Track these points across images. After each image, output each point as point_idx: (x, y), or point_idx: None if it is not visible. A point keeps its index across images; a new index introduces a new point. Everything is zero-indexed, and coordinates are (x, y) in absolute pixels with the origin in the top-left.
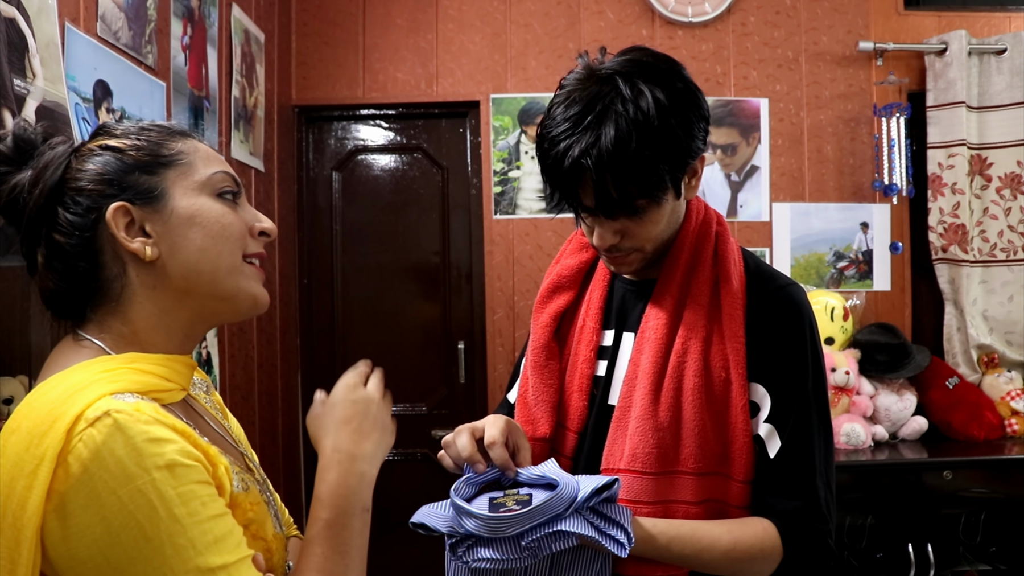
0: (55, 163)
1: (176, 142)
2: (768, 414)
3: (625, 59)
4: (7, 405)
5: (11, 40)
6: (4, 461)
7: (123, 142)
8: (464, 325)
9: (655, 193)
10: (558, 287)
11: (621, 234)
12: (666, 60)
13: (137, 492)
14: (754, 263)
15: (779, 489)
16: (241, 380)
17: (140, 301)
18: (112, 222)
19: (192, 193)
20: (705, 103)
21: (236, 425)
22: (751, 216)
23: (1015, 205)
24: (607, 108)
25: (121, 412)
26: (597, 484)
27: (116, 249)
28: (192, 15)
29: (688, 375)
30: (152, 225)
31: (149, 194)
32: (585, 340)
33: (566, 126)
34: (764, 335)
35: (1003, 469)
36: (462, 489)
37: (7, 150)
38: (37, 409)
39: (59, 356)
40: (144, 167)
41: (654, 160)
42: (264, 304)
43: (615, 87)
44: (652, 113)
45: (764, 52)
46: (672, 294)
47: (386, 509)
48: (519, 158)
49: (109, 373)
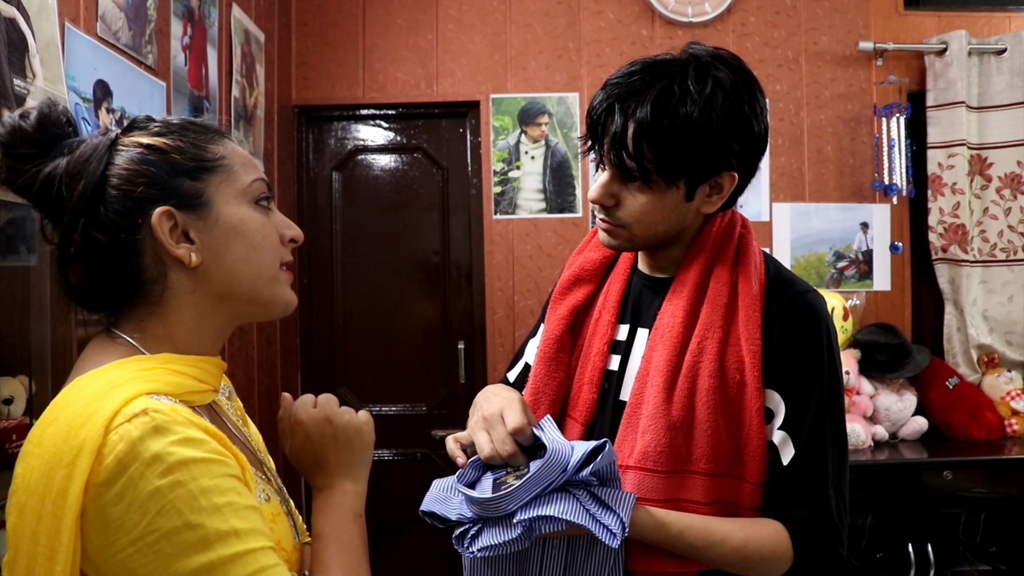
0: (97, 156)
1: (216, 145)
2: (782, 421)
3: (713, 50)
4: (7, 405)
5: (11, 40)
6: (43, 451)
7: (165, 142)
8: (464, 325)
9: (666, 173)
10: (579, 279)
11: (616, 199)
12: (748, 73)
13: (176, 483)
14: (774, 268)
15: (791, 497)
16: (241, 380)
17: (179, 305)
18: (158, 227)
19: (234, 201)
20: (761, 132)
21: (255, 432)
22: (751, 216)
23: (1015, 205)
24: (666, 76)
25: (159, 412)
26: (587, 449)
27: (158, 252)
28: (192, 15)
29: (703, 375)
30: (196, 231)
31: (195, 200)
32: (600, 333)
33: (622, 75)
34: (781, 341)
35: (1003, 469)
36: (468, 474)
37: (31, 129)
38: (75, 402)
39: (94, 353)
40: (189, 171)
41: (681, 142)
42: (293, 307)
43: (686, 68)
44: (699, 105)
45: (764, 52)
46: (689, 293)
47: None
48: (519, 158)
49: (145, 372)
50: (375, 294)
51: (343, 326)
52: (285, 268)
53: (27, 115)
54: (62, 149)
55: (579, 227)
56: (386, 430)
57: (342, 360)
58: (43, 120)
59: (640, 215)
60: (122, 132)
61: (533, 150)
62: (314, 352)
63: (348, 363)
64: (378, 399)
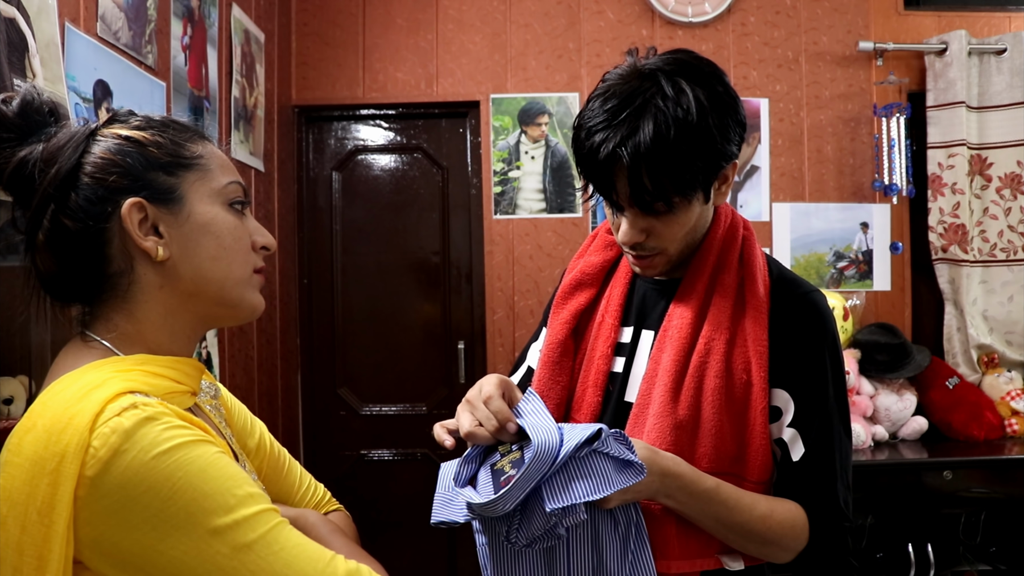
0: (73, 144)
1: (196, 144)
2: (792, 419)
3: (669, 58)
4: (7, 405)
5: (11, 40)
6: (22, 460)
7: (143, 135)
8: (464, 325)
9: (687, 191)
10: (581, 283)
11: (647, 232)
12: (709, 64)
13: (180, 463)
14: (777, 269)
15: (803, 490)
16: (241, 380)
17: (146, 300)
18: (127, 217)
19: (207, 200)
20: (743, 110)
21: (239, 433)
22: (751, 216)
23: (1015, 205)
24: (647, 103)
25: (148, 405)
26: (582, 437)
27: (125, 243)
28: (192, 15)
29: (709, 375)
30: (166, 226)
31: (167, 195)
32: (603, 336)
33: (603, 117)
34: (788, 341)
35: (1003, 469)
36: (463, 472)
37: (12, 115)
38: (52, 407)
39: (67, 356)
40: (164, 166)
41: (690, 157)
42: (260, 311)
43: (657, 83)
44: (692, 111)
45: (764, 52)
46: (697, 294)
47: (386, 509)
48: (519, 158)
49: (122, 373)
50: (375, 294)
51: (343, 326)
52: (257, 273)
53: (9, 100)
54: (40, 136)
55: (579, 227)
56: (386, 430)
57: (342, 360)
58: (25, 107)
59: (673, 235)
60: (103, 124)
61: (533, 150)
62: (314, 352)
63: (348, 363)
64: (378, 399)
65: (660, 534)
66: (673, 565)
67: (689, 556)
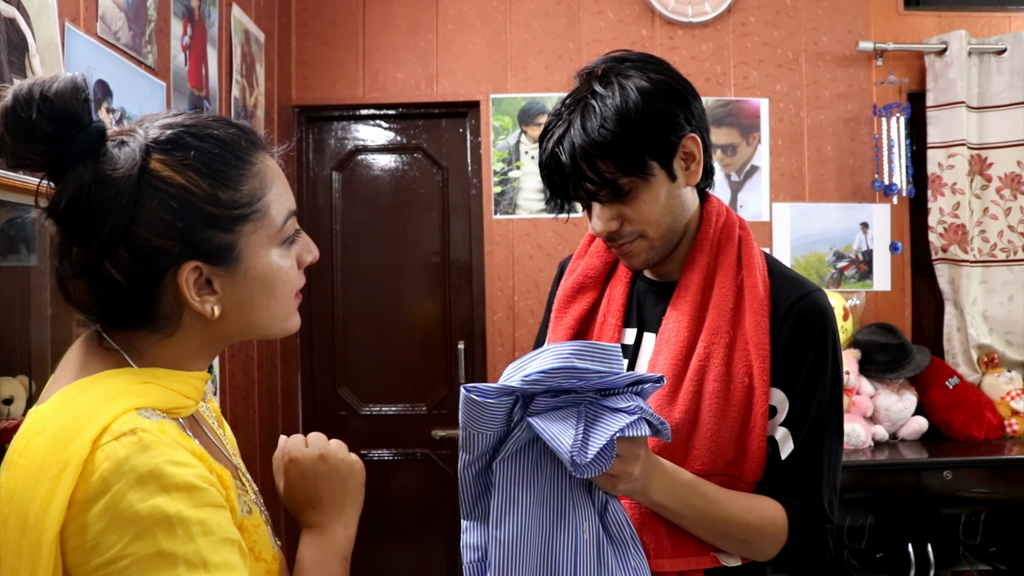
0: (128, 189)
1: (252, 178)
2: (785, 418)
3: (604, 58)
4: (7, 405)
5: (11, 40)
6: (28, 463)
7: (198, 182)
8: (464, 325)
9: (635, 171)
10: (583, 287)
11: (620, 219)
12: (643, 55)
13: (156, 508)
14: (777, 268)
15: (788, 489)
16: (241, 380)
17: (187, 337)
18: (184, 282)
19: (264, 248)
20: (686, 88)
21: (230, 434)
22: (751, 216)
23: (1015, 205)
24: (580, 101)
25: (147, 432)
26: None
27: (177, 297)
28: (192, 15)
29: (709, 379)
30: (220, 282)
31: (225, 255)
32: (605, 338)
33: (548, 125)
34: (790, 343)
35: (1003, 469)
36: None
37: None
38: (63, 414)
39: (82, 356)
40: (222, 223)
41: (626, 139)
42: (296, 329)
43: (589, 84)
44: (620, 99)
45: (764, 52)
46: (692, 297)
47: (386, 509)
48: (519, 158)
49: (136, 387)
50: (375, 294)
51: (343, 326)
52: (297, 294)
53: (49, 86)
54: (77, 143)
55: (579, 227)
56: (386, 430)
57: (342, 360)
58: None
59: (644, 217)
60: (147, 151)
61: (533, 150)
62: (314, 352)
63: (348, 363)
64: (378, 399)
65: (652, 533)
66: (667, 564)
67: (683, 555)
